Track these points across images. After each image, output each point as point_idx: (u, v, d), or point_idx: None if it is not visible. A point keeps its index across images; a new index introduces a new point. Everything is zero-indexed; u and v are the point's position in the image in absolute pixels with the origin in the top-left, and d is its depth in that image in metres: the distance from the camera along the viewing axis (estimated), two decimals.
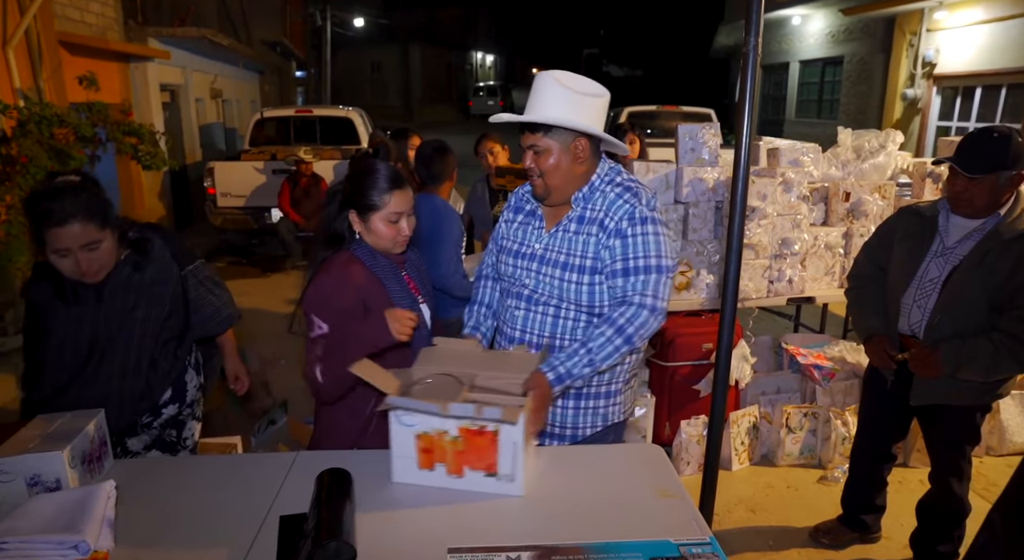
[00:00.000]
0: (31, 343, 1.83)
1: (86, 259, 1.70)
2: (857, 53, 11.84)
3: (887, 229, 2.52)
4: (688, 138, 3.34)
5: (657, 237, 1.78)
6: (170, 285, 1.94)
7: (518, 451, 1.46)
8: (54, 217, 1.64)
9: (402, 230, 1.83)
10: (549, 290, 1.84)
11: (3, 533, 1.22)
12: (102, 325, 1.80)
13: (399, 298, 1.85)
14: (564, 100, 1.75)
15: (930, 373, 2.25)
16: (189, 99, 10.43)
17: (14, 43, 5.92)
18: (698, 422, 3.23)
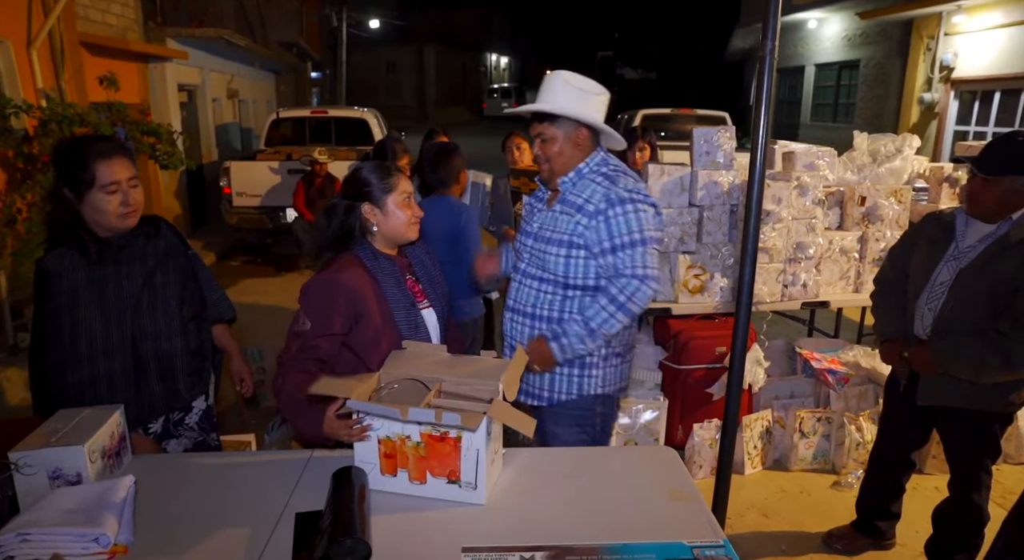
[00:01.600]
0: (46, 311, 1.78)
1: (132, 194, 1.81)
2: (874, 57, 11.75)
3: (911, 234, 2.53)
4: (703, 141, 3.34)
5: (636, 214, 1.95)
6: (180, 258, 2.01)
7: (480, 459, 1.45)
8: (103, 151, 1.77)
9: (415, 210, 1.88)
10: (536, 263, 2.07)
11: (27, 524, 1.25)
12: (127, 286, 1.83)
13: (396, 301, 1.82)
14: (568, 95, 1.98)
15: (925, 369, 2.27)
16: (206, 99, 10.53)
17: (37, 44, 6.01)
18: (711, 425, 3.22)
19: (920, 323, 2.32)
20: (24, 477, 1.41)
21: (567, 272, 2.02)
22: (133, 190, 1.82)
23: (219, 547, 1.34)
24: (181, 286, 1.96)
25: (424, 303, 1.93)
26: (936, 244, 2.33)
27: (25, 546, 1.21)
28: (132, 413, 1.80)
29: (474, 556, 1.29)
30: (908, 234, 2.58)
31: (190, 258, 2.08)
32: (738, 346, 2.27)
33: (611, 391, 2.16)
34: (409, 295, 1.88)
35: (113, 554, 1.28)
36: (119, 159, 1.79)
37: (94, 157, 1.75)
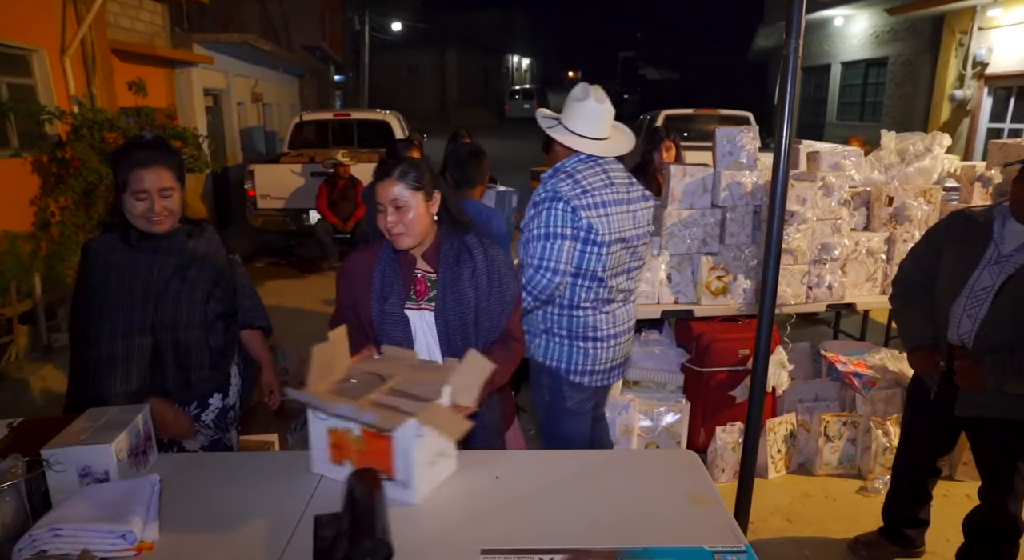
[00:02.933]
0: (87, 289, 1.90)
1: (160, 203, 1.88)
2: (902, 54, 11.54)
3: (936, 234, 2.42)
4: (726, 141, 3.31)
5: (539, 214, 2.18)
6: (220, 259, 2.07)
7: (409, 458, 1.45)
8: (141, 160, 1.86)
9: (396, 220, 1.77)
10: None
11: (58, 520, 1.27)
12: (157, 272, 1.92)
13: (380, 287, 1.86)
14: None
15: (973, 386, 2.16)
16: (231, 103, 10.70)
17: (71, 52, 6.16)
18: (734, 429, 3.19)
19: (955, 330, 2.24)
20: (55, 474, 1.44)
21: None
22: (164, 200, 1.89)
23: (241, 546, 1.35)
24: (212, 283, 2.02)
25: (423, 304, 1.87)
26: (970, 246, 2.23)
27: (57, 541, 1.24)
28: (146, 397, 1.86)
29: (493, 558, 1.29)
30: (933, 233, 2.47)
31: (231, 263, 2.13)
32: (762, 348, 2.25)
33: (555, 366, 2.35)
34: (401, 291, 1.85)
35: (139, 551, 1.31)
36: (157, 169, 1.87)
37: (131, 164, 1.86)
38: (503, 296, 1.89)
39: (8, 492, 1.30)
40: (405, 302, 1.87)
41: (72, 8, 6.19)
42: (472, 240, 1.89)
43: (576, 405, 2.42)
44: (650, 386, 3.36)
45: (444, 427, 1.45)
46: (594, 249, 2.20)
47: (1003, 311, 2.11)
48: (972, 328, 2.18)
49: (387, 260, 1.88)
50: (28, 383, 4.15)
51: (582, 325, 2.30)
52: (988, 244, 2.19)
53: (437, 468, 1.55)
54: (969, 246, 2.23)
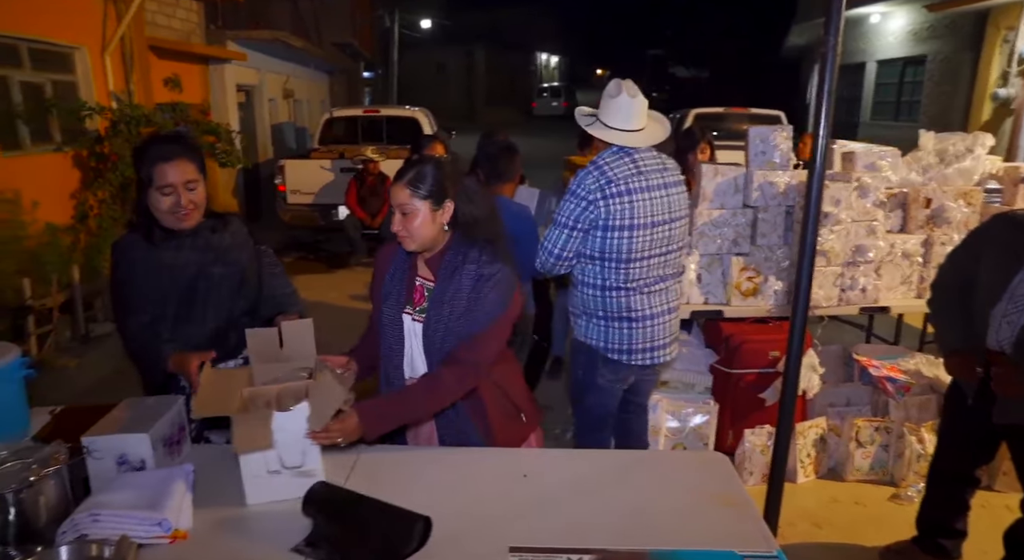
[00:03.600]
0: (118, 286, 1.97)
1: (186, 197, 1.88)
2: (941, 51, 11.25)
3: (976, 237, 2.37)
4: (759, 141, 3.26)
5: (564, 202, 2.36)
6: (246, 253, 2.07)
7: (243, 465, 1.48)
8: (163, 154, 1.86)
9: (403, 226, 1.72)
10: None
11: (98, 505, 1.31)
12: (181, 270, 1.93)
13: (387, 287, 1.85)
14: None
15: (1012, 393, 2.10)
16: (263, 99, 10.84)
17: (111, 49, 6.30)
18: (763, 431, 3.15)
19: (995, 335, 2.17)
20: (95, 461, 1.48)
21: None
22: (190, 193, 1.89)
23: (270, 536, 1.37)
24: (239, 280, 2.03)
25: (416, 313, 1.81)
26: (1012, 250, 2.16)
27: (96, 526, 1.27)
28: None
29: (521, 556, 1.29)
30: (973, 237, 2.40)
31: (259, 253, 2.13)
32: (794, 351, 2.22)
33: (593, 344, 2.48)
34: (402, 295, 1.82)
35: (174, 539, 1.34)
36: (180, 162, 1.87)
37: (154, 159, 1.86)
38: (473, 318, 1.73)
39: (51, 477, 1.34)
40: (404, 306, 1.82)
41: (112, 6, 6.34)
42: (474, 254, 1.76)
43: (607, 382, 2.54)
44: (678, 387, 3.33)
45: (244, 440, 1.44)
46: (619, 234, 2.32)
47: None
48: (1012, 334, 2.12)
49: (399, 261, 1.87)
50: (67, 371, 4.26)
51: (616, 306, 2.41)
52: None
53: (279, 480, 1.49)
54: (1010, 250, 2.17)
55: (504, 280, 1.76)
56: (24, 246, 4.78)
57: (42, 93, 5.72)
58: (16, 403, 1.67)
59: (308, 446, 1.49)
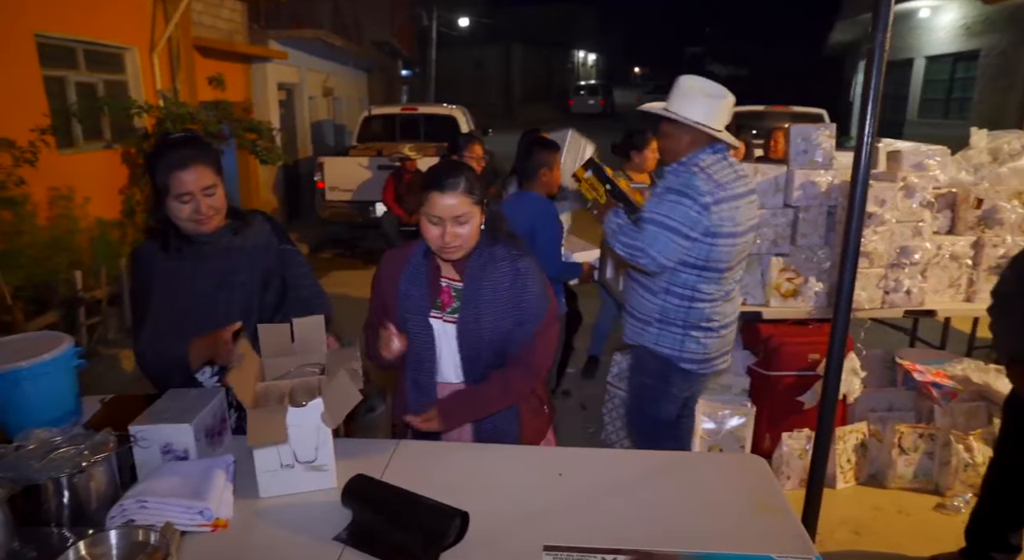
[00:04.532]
0: (135, 297, 1.94)
1: (206, 203, 1.80)
2: (997, 46, 10.84)
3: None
4: (800, 139, 3.19)
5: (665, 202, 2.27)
6: (269, 254, 1.97)
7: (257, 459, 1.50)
8: (178, 161, 1.76)
9: (446, 235, 1.67)
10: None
11: (144, 493, 1.35)
12: (200, 281, 1.86)
13: (405, 298, 1.79)
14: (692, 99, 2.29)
15: None
16: (303, 97, 11.02)
17: (159, 49, 6.49)
18: (801, 435, 3.09)
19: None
20: (141, 449, 1.52)
21: None
22: (208, 198, 1.81)
23: (309, 527, 1.40)
24: (262, 284, 1.94)
25: (447, 316, 1.79)
26: None
27: (143, 512, 1.32)
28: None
29: (555, 555, 1.29)
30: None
31: (283, 253, 2.01)
32: (835, 353, 2.17)
33: (666, 354, 2.41)
34: (425, 299, 1.80)
35: (215, 527, 1.37)
36: (195, 168, 1.77)
37: (168, 167, 1.76)
38: (522, 314, 1.74)
39: (102, 463, 1.39)
40: (430, 310, 1.79)
41: (161, 8, 6.52)
42: (501, 251, 1.76)
43: (677, 391, 2.52)
44: (715, 388, 3.29)
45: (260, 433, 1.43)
46: (724, 241, 2.27)
47: None
48: None
49: (416, 264, 1.81)
50: (114, 361, 4.41)
51: (699, 315, 2.37)
52: None
53: (292, 474, 1.50)
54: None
55: (537, 272, 1.79)
56: (77, 240, 4.96)
57: (95, 92, 5.93)
58: (69, 391, 1.73)
59: (321, 441, 1.50)
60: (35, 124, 4.59)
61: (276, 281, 1.98)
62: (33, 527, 1.32)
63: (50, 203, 5.00)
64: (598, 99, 30.61)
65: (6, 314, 3.98)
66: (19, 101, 4.85)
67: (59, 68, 5.49)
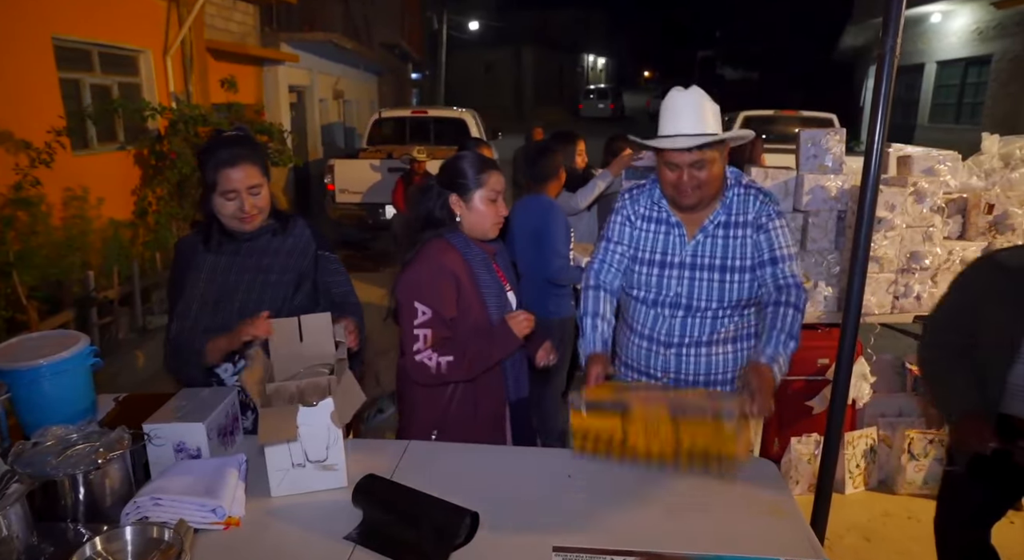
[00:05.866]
0: (172, 285, 1.98)
1: (250, 201, 1.85)
2: (1010, 50, 10.78)
3: (966, 287, 2.03)
4: (810, 144, 3.19)
5: (787, 229, 1.95)
6: (305, 259, 2.00)
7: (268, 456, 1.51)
8: (227, 159, 1.82)
9: (500, 210, 1.91)
10: (707, 294, 1.93)
11: (158, 490, 1.37)
12: (234, 276, 1.90)
13: (487, 286, 1.90)
14: (711, 111, 1.86)
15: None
16: (314, 99, 11.09)
17: (172, 52, 6.56)
18: (810, 440, 3.08)
19: (1013, 401, 1.86)
20: (155, 447, 1.55)
21: (749, 296, 1.94)
22: (253, 197, 1.86)
23: (320, 526, 1.41)
24: (294, 287, 1.96)
25: (508, 287, 2.01)
26: (1011, 302, 1.82)
27: (157, 509, 1.34)
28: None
29: (565, 556, 1.30)
30: (962, 286, 2.04)
31: (319, 259, 2.04)
32: (844, 358, 2.16)
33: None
34: (498, 280, 1.96)
35: (228, 525, 1.39)
36: (244, 166, 1.83)
37: (217, 164, 1.82)
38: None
39: (116, 460, 1.41)
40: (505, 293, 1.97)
41: (175, 11, 6.59)
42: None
43: None
44: None
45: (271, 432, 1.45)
46: None
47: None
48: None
49: (476, 255, 1.91)
50: (127, 360, 4.45)
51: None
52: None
53: (303, 473, 1.52)
54: (1010, 302, 1.83)
55: None
56: (90, 241, 5.01)
57: (109, 94, 6.00)
58: (85, 389, 1.75)
59: (332, 441, 1.52)
60: (51, 125, 4.64)
61: (307, 285, 2.01)
62: (50, 523, 1.34)
63: (64, 204, 5.05)
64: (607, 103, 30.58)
65: (21, 313, 4.03)
66: (36, 103, 4.91)
67: (75, 70, 5.56)
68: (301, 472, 1.52)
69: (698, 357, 1.98)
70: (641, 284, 2.00)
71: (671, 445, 1.52)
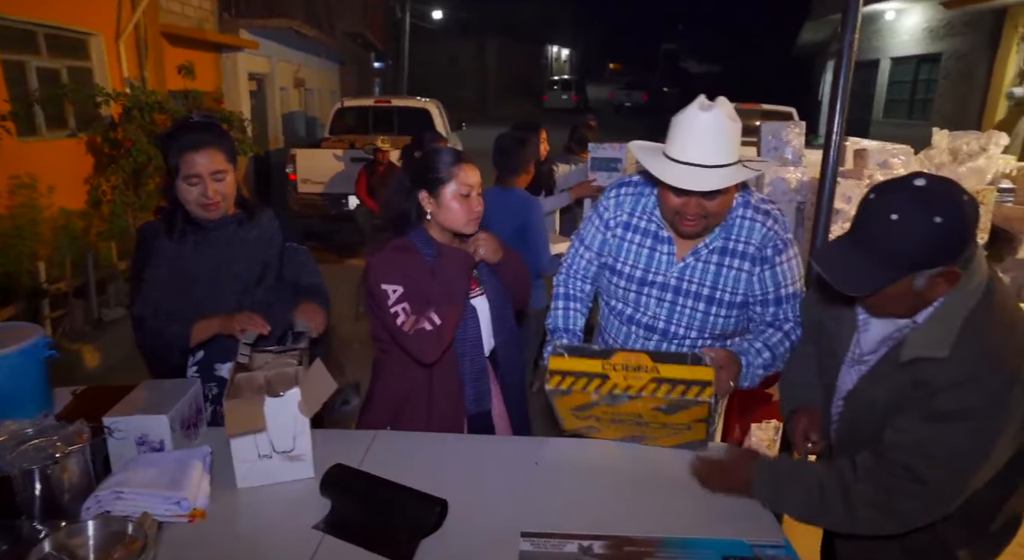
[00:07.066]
0: (135, 271, 1.93)
1: (213, 187, 1.82)
2: (958, 49, 11.16)
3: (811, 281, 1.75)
4: (771, 136, 3.26)
5: (796, 260, 1.77)
6: (271, 249, 1.98)
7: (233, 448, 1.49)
8: (191, 143, 1.79)
9: (474, 205, 1.81)
10: (688, 322, 1.79)
11: (120, 483, 1.34)
12: (197, 266, 1.87)
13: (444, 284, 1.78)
14: (735, 135, 1.59)
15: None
16: (274, 88, 10.88)
17: (125, 36, 6.35)
18: (769, 426, 3.16)
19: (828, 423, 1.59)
20: (115, 441, 1.51)
21: (733, 329, 1.81)
22: (217, 183, 1.82)
23: (287, 516, 1.40)
24: (257, 278, 1.94)
25: (477, 291, 1.91)
26: (823, 286, 1.48)
27: (119, 503, 1.31)
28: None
29: (533, 541, 1.32)
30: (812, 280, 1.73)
31: (286, 251, 2.01)
32: None
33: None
34: (464, 282, 1.84)
35: (192, 518, 1.37)
36: (208, 151, 1.80)
37: (182, 147, 1.78)
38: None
39: (75, 454, 1.37)
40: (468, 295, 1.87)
41: None
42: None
43: None
44: None
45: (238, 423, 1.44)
46: None
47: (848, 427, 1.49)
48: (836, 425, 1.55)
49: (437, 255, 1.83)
50: (82, 354, 4.32)
51: None
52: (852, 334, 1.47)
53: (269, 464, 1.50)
54: (816, 286, 1.58)
55: None
56: (40, 230, 4.84)
57: (58, 79, 5.78)
58: (40, 382, 1.70)
59: (299, 431, 1.50)
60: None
61: (271, 277, 1.97)
62: (5, 520, 1.30)
63: (11, 192, 4.87)
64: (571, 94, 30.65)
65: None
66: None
67: (19, 52, 5.34)
68: (268, 463, 1.50)
69: None
70: (618, 297, 1.86)
71: (650, 376, 1.48)
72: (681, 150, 1.56)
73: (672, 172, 1.57)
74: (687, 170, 1.55)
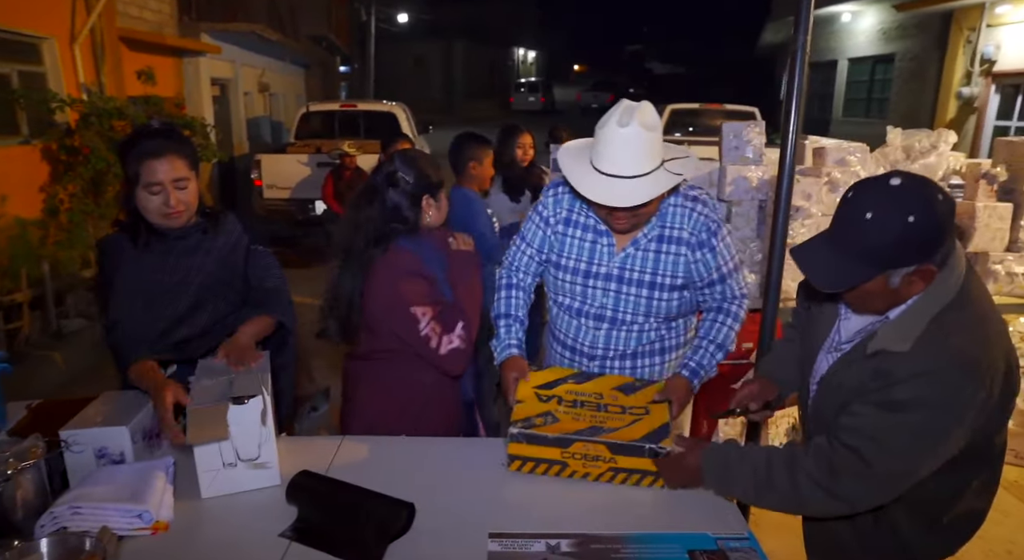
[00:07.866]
0: (99, 287, 1.89)
1: (176, 196, 1.76)
2: (910, 50, 11.50)
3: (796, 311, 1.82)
4: (732, 136, 3.32)
5: (729, 238, 1.88)
6: (236, 253, 1.95)
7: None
8: (152, 150, 1.73)
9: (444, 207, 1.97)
10: (634, 308, 1.86)
11: (78, 498, 1.31)
12: (164, 276, 1.82)
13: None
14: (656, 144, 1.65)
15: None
16: (238, 93, 10.71)
17: (80, 40, 6.19)
18: (736, 422, 3.21)
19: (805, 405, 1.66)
20: (73, 454, 1.47)
21: (678, 312, 1.90)
22: (179, 191, 1.77)
23: (253, 525, 1.38)
24: (224, 284, 1.91)
25: None
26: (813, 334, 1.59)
27: (77, 518, 1.28)
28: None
29: (500, 541, 1.32)
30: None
31: (250, 253, 1.98)
32: (766, 341, 2.27)
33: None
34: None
35: (155, 530, 1.34)
36: (169, 158, 1.74)
37: (141, 154, 1.73)
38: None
39: (29, 470, 1.33)
40: None
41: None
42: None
43: None
44: None
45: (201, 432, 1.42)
46: None
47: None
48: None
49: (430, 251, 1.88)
50: (38, 367, 4.20)
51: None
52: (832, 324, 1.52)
53: (234, 473, 1.48)
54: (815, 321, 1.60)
55: None
56: None
57: (8, 83, 5.61)
58: None
59: (264, 438, 1.49)
60: None
61: (238, 282, 1.94)
62: None
63: None
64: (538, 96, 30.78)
65: None
66: None
67: None
68: (232, 472, 1.48)
69: (623, 369, 1.94)
70: (565, 291, 1.93)
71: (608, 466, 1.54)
72: (603, 162, 1.64)
73: (594, 187, 1.65)
74: (609, 182, 1.63)
